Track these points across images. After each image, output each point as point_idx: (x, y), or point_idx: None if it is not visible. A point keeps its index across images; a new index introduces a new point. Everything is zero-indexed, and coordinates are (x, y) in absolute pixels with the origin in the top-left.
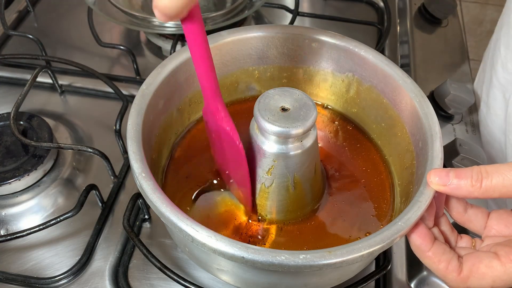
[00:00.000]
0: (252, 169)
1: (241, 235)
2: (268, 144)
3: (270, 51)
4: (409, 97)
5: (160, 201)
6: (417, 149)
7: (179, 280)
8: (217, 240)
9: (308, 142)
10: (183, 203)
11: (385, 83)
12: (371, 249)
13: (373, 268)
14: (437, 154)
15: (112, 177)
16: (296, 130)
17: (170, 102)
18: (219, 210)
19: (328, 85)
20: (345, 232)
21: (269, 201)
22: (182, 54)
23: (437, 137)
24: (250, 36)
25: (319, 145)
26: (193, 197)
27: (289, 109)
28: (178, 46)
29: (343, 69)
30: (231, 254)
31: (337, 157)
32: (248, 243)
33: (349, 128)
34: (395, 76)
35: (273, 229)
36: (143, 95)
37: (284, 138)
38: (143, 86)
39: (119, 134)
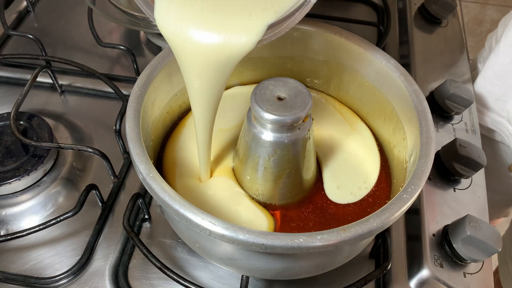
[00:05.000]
0: (251, 160)
1: None
2: (267, 134)
3: None
4: (393, 77)
5: (172, 199)
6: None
7: (179, 280)
8: (235, 230)
9: (305, 129)
10: None
11: (368, 65)
12: (381, 223)
13: (373, 268)
14: (429, 122)
15: (112, 177)
16: (295, 118)
17: (160, 102)
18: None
19: (313, 73)
20: (344, 207)
21: (270, 190)
22: (169, 53)
23: (426, 112)
24: None
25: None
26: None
27: (285, 98)
28: None
29: (326, 56)
30: (251, 243)
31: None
32: None
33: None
34: (378, 58)
35: (277, 215)
36: (136, 97)
37: (282, 127)
38: (135, 88)
39: (119, 134)
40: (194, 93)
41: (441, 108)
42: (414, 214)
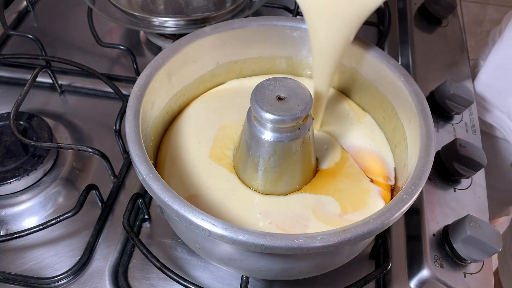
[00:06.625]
0: (251, 159)
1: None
2: (267, 134)
3: (253, 43)
4: (393, 77)
5: (172, 200)
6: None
7: (179, 280)
8: (235, 231)
9: (305, 128)
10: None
11: (368, 65)
12: (381, 223)
13: (373, 268)
14: (429, 122)
15: (112, 177)
16: (295, 118)
17: (160, 103)
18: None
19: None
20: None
21: (270, 189)
22: (169, 53)
23: (426, 112)
24: (233, 30)
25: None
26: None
27: (285, 98)
28: None
29: None
30: (251, 243)
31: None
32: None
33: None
34: (378, 58)
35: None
36: (136, 97)
37: (282, 127)
38: (135, 88)
39: (119, 134)
40: (319, 43)
41: (441, 108)
42: (414, 214)
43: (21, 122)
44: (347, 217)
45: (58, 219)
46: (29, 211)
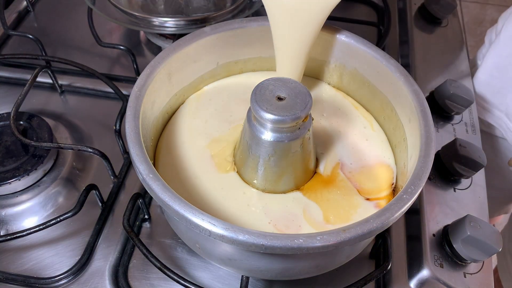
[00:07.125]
0: (251, 159)
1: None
2: (267, 134)
3: (253, 43)
4: (393, 77)
5: (172, 200)
6: (406, 125)
7: (179, 280)
8: (235, 231)
9: (305, 128)
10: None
11: (368, 65)
12: (381, 223)
13: (373, 268)
14: (429, 122)
15: (112, 177)
16: (295, 118)
17: (160, 103)
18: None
19: (313, 73)
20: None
21: (270, 189)
22: (169, 53)
23: (426, 112)
24: (233, 30)
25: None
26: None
27: (285, 98)
28: None
29: (326, 56)
30: (251, 243)
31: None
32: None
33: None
34: (378, 58)
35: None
36: (136, 97)
37: (282, 127)
38: (135, 88)
39: (119, 134)
40: (282, 40)
41: (441, 108)
42: (414, 214)
43: (21, 122)
44: (328, 227)
45: (58, 219)
46: (29, 211)
